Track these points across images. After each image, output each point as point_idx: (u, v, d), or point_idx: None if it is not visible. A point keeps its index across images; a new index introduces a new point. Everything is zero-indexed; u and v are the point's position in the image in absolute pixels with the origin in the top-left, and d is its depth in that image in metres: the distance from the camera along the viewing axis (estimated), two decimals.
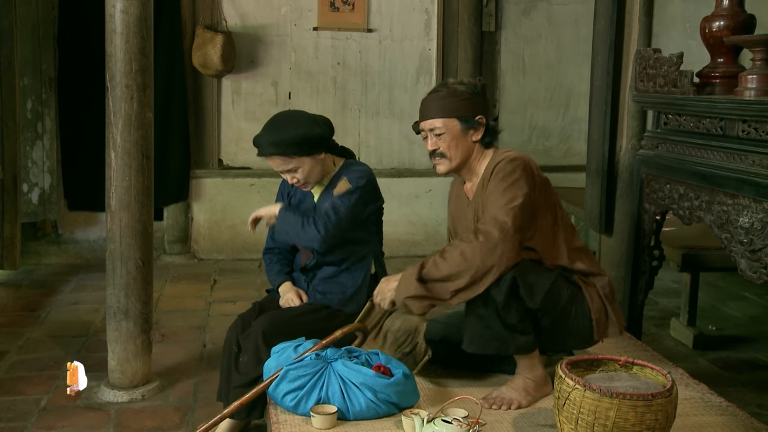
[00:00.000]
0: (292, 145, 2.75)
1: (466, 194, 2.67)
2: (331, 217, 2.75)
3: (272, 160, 2.79)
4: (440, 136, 2.54)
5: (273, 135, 2.77)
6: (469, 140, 2.55)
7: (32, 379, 3.56)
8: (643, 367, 2.20)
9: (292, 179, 2.83)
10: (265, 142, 2.78)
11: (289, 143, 2.75)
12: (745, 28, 2.94)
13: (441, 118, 2.53)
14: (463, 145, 2.55)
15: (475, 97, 2.57)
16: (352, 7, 5.91)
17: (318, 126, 2.82)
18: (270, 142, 2.77)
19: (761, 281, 2.53)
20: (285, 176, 2.85)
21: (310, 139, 2.77)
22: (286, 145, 2.75)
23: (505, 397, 2.49)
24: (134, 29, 3.16)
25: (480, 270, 2.32)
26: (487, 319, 2.41)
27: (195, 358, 3.86)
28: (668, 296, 4.97)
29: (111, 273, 3.32)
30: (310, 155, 2.79)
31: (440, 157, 2.56)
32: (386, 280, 2.50)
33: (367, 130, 6.08)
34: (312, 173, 2.83)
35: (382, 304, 2.49)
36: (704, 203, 2.80)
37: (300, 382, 2.38)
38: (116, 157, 3.22)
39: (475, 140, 2.56)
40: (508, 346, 2.45)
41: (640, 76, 3.22)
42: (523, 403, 2.49)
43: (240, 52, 5.74)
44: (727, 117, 2.70)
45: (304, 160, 2.79)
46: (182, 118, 5.68)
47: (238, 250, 5.87)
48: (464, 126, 2.54)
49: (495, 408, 2.46)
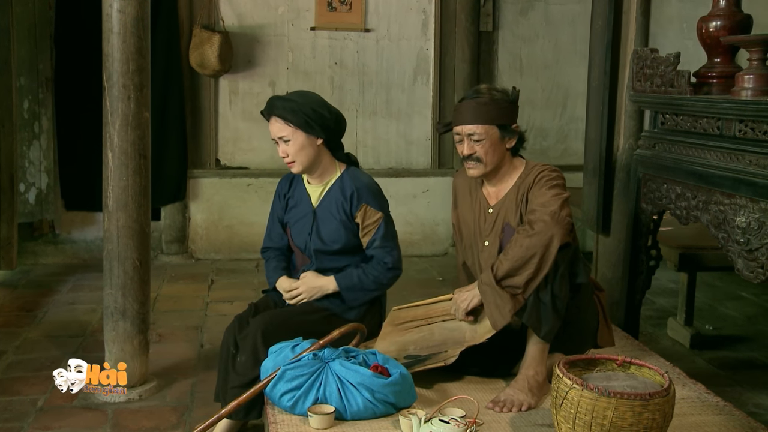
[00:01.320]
0: (294, 112, 2.77)
1: (486, 197, 2.75)
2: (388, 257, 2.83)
3: (272, 122, 2.80)
4: (479, 142, 2.63)
5: (283, 98, 2.83)
6: (503, 147, 2.67)
7: (29, 379, 3.55)
8: (640, 366, 2.20)
9: (283, 153, 2.82)
10: (274, 101, 2.82)
11: (291, 109, 2.77)
12: (741, 28, 2.94)
13: (482, 125, 2.62)
14: (499, 152, 2.66)
15: (511, 105, 2.69)
16: (349, 6, 5.90)
17: (328, 111, 2.85)
18: (277, 103, 2.80)
19: (758, 281, 2.53)
20: (278, 147, 2.84)
21: (312, 117, 2.79)
22: (289, 110, 2.77)
23: (515, 400, 2.49)
24: (131, 29, 3.16)
25: (542, 254, 2.45)
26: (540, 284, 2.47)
27: (192, 358, 3.85)
28: (665, 296, 4.97)
29: (108, 273, 3.31)
30: (306, 133, 2.79)
31: (476, 162, 2.66)
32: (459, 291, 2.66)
33: (365, 130, 6.08)
34: (302, 153, 2.81)
35: (457, 315, 2.65)
36: (701, 203, 2.80)
37: (297, 382, 2.38)
38: (113, 157, 3.22)
39: (508, 147, 2.68)
40: (544, 322, 2.48)
41: (637, 76, 3.23)
42: (532, 404, 2.49)
43: (237, 52, 5.74)
44: (724, 117, 2.70)
45: (299, 135, 2.78)
46: (179, 118, 5.68)
47: (235, 250, 5.87)
48: (502, 133, 2.65)
49: (506, 411, 2.46)
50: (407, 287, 5.08)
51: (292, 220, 2.95)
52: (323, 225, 2.86)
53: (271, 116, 2.81)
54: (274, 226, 3.03)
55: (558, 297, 2.47)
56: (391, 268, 2.84)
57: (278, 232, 3.02)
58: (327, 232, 2.85)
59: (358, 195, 2.83)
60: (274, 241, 3.03)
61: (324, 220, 2.86)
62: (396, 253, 2.86)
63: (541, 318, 2.47)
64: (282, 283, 2.92)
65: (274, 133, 2.82)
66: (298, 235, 2.92)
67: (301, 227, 2.91)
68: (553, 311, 2.47)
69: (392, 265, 2.84)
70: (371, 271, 2.82)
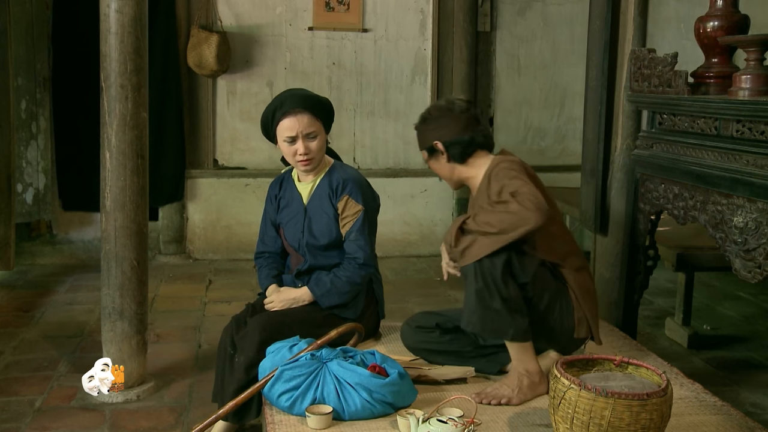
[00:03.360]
0: (321, 107, 2.81)
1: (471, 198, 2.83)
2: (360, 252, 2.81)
3: (300, 116, 2.75)
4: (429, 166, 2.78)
5: (305, 93, 2.82)
6: (443, 163, 2.71)
7: (27, 379, 3.55)
8: (638, 366, 2.20)
9: (305, 149, 2.76)
10: (299, 97, 2.78)
11: (318, 104, 2.80)
12: (739, 28, 2.95)
13: (422, 151, 2.77)
14: (443, 169, 2.74)
15: (431, 122, 2.70)
16: (347, 7, 5.90)
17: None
18: (304, 97, 2.79)
19: (755, 281, 2.54)
20: (294, 147, 2.77)
21: (331, 113, 2.86)
22: (318, 105, 2.80)
23: (497, 393, 2.51)
24: (129, 29, 3.16)
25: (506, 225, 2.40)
26: (484, 293, 2.44)
27: (190, 358, 3.85)
28: (663, 296, 4.98)
29: (106, 273, 3.31)
30: (325, 129, 2.84)
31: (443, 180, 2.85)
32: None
33: (363, 130, 6.08)
34: (322, 150, 2.84)
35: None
36: (699, 203, 2.80)
37: (295, 383, 2.38)
38: (111, 158, 3.22)
39: (447, 162, 2.70)
40: (506, 326, 2.47)
41: (634, 76, 3.23)
42: (514, 400, 2.49)
43: (235, 52, 5.73)
44: (722, 117, 2.70)
45: (322, 131, 2.82)
46: (177, 118, 5.68)
47: (233, 251, 5.87)
48: (431, 155, 2.73)
49: (485, 403, 2.48)
50: (406, 287, 5.08)
51: (284, 220, 2.95)
52: (315, 221, 2.87)
53: (299, 111, 2.75)
54: (267, 230, 3.02)
55: (509, 298, 2.45)
56: (363, 265, 2.82)
57: (271, 236, 3.01)
58: (318, 227, 2.86)
59: (343, 186, 2.84)
60: (267, 246, 3.03)
61: (315, 216, 2.87)
62: (369, 249, 2.83)
63: (501, 324, 2.47)
64: (269, 290, 2.94)
65: (300, 129, 2.75)
66: (292, 234, 2.92)
67: (293, 226, 2.92)
68: (510, 313, 2.45)
69: (363, 261, 2.81)
70: (343, 272, 2.82)
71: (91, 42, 3.71)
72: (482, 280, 2.44)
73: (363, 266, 2.82)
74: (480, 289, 2.44)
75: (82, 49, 5.27)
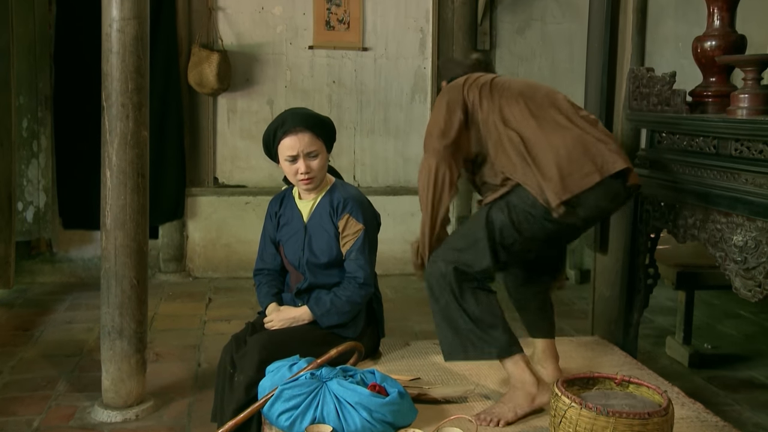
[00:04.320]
0: (322, 126, 2.81)
1: None
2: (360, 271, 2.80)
3: (301, 135, 2.75)
4: None
5: (307, 112, 2.83)
6: None
7: (25, 399, 3.54)
8: (639, 385, 2.20)
9: (306, 168, 2.77)
10: (300, 116, 2.79)
11: (321, 124, 2.81)
12: (736, 48, 2.96)
13: None
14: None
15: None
16: (347, 25, 5.94)
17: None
18: (306, 116, 2.79)
19: (756, 299, 2.53)
20: (295, 166, 2.78)
21: (332, 132, 2.86)
22: (320, 125, 2.80)
23: (494, 412, 2.48)
24: (130, 48, 3.18)
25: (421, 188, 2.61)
26: (449, 313, 2.44)
27: (189, 377, 3.84)
28: (663, 314, 4.97)
29: (106, 292, 3.31)
30: (327, 148, 2.84)
31: None
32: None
33: (363, 149, 6.10)
34: (323, 169, 2.84)
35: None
36: (698, 221, 2.81)
37: (295, 402, 2.37)
38: (112, 176, 3.22)
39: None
40: (487, 347, 2.45)
41: (633, 95, 3.24)
42: (509, 417, 2.45)
43: (236, 71, 5.76)
44: (720, 136, 2.71)
45: (324, 150, 2.82)
46: (178, 137, 5.69)
47: (233, 269, 5.87)
48: None
49: (484, 425, 2.46)
50: (406, 306, 5.08)
51: (284, 238, 2.95)
52: (315, 239, 2.86)
53: (300, 130, 2.75)
54: (266, 247, 3.02)
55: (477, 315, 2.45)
56: (363, 284, 2.81)
57: (271, 253, 3.01)
58: (319, 245, 2.85)
59: (344, 204, 2.84)
60: (266, 263, 3.02)
61: (316, 234, 2.87)
62: (369, 268, 2.82)
63: (481, 345, 2.46)
64: (269, 309, 2.92)
65: (300, 148, 2.76)
66: (292, 252, 2.92)
67: (293, 244, 2.91)
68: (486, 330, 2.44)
69: (363, 281, 2.81)
70: (343, 292, 2.81)
71: (92, 61, 3.73)
72: (440, 295, 2.44)
73: (363, 286, 2.82)
74: (443, 308, 2.44)
75: (84, 69, 5.31)
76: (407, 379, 2.75)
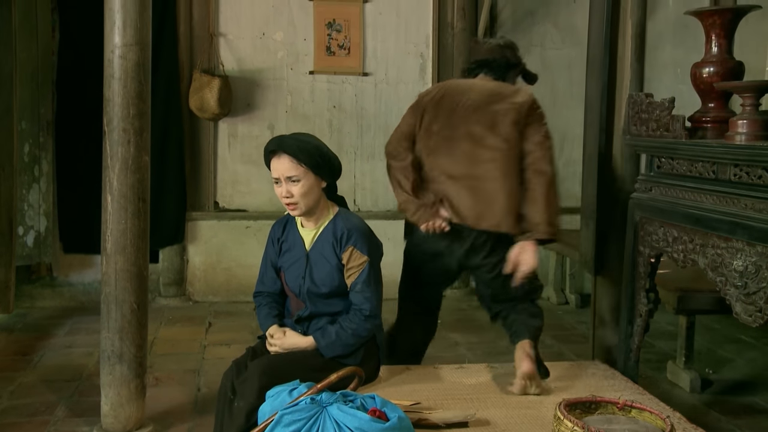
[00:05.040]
0: (305, 151, 2.73)
1: None
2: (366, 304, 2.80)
3: (281, 160, 2.73)
4: None
5: (292, 136, 2.79)
6: None
7: (24, 425, 3.52)
8: (641, 410, 2.19)
9: (287, 193, 2.75)
10: (284, 138, 2.77)
11: (303, 149, 2.73)
12: (734, 74, 2.99)
13: None
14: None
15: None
16: (347, 51, 5.99)
17: (333, 155, 2.85)
18: (288, 141, 2.75)
19: (756, 324, 2.53)
20: (280, 189, 2.77)
21: (322, 158, 2.77)
22: (302, 150, 2.73)
23: None
24: (132, 74, 3.20)
25: None
26: None
27: (189, 402, 3.82)
28: (664, 339, 4.95)
29: (105, 316, 3.30)
30: (315, 174, 2.77)
31: None
32: None
33: (363, 173, 6.12)
34: (308, 196, 2.77)
35: None
36: (698, 246, 2.81)
37: (295, 427, 2.36)
38: (112, 201, 3.23)
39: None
40: None
41: (632, 120, 3.26)
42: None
43: (236, 96, 5.80)
44: (719, 161, 2.73)
45: (309, 176, 2.75)
46: (179, 161, 5.71)
47: (233, 293, 5.86)
48: None
49: None
50: None
51: (285, 265, 2.94)
52: (316, 268, 2.85)
53: (280, 154, 2.74)
54: (267, 271, 3.01)
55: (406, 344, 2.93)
56: (369, 317, 2.79)
57: (271, 277, 3.00)
58: (320, 275, 2.84)
59: (348, 236, 2.82)
60: (266, 286, 3.01)
61: (317, 264, 2.86)
62: (375, 300, 2.81)
63: None
64: (270, 330, 2.90)
65: (281, 172, 2.75)
66: (292, 279, 2.91)
67: (294, 271, 2.90)
68: None
69: (369, 313, 2.79)
70: (349, 324, 2.79)
71: (94, 87, 3.76)
72: None
73: (369, 318, 2.80)
74: None
75: (85, 95, 5.34)
76: (407, 404, 2.74)
